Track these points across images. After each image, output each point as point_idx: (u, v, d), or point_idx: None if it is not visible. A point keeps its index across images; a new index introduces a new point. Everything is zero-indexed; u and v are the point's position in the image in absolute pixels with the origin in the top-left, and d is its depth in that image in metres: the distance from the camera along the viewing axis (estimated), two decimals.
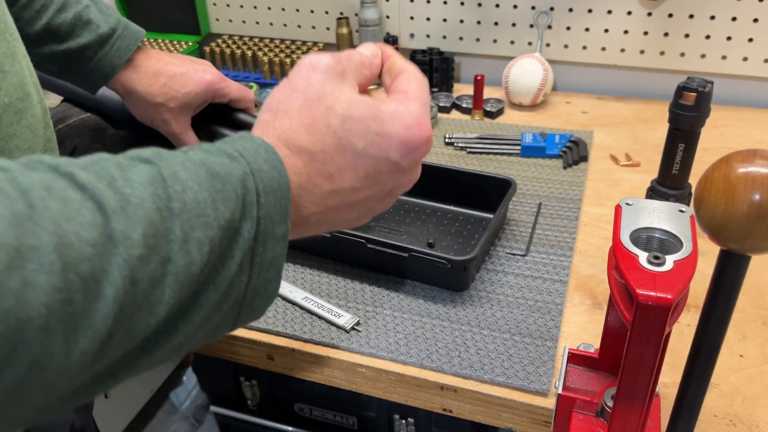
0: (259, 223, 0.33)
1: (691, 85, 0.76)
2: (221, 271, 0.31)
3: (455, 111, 1.23)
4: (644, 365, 0.45)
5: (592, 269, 0.80)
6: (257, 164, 0.33)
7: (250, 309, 0.34)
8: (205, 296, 0.31)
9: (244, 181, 0.32)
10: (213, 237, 0.30)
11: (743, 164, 0.36)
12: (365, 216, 0.41)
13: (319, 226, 0.39)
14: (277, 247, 0.34)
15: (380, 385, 0.69)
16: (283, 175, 0.34)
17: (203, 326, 0.32)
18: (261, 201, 0.33)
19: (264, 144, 0.35)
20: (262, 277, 0.34)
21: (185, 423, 1.71)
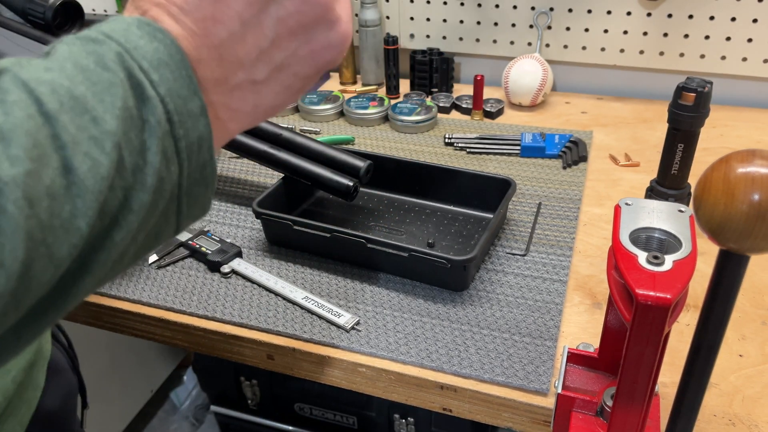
0: (164, 102, 0.29)
1: (691, 85, 0.77)
2: (144, 167, 0.29)
3: (455, 111, 1.23)
4: (644, 365, 0.45)
5: (591, 269, 0.80)
6: (131, 41, 0.29)
7: (190, 200, 0.32)
8: (136, 197, 0.28)
9: (122, 62, 0.29)
10: (112, 130, 0.27)
11: (743, 164, 0.36)
12: (298, 67, 0.35)
13: (250, 90, 0.34)
14: (199, 125, 0.31)
15: (380, 384, 0.69)
16: (170, 42, 0.30)
17: (141, 230, 0.30)
18: (153, 78, 0.29)
19: (135, 20, 0.31)
20: (194, 161, 0.31)
21: (185, 422, 1.71)
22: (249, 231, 0.89)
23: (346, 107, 1.19)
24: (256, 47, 0.33)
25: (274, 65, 0.34)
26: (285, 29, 0.33)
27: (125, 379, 1.61)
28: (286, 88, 0.36)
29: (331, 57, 0.36)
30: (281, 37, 0.34)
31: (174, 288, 0.79)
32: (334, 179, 0.85)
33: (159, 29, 0.30)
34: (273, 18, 0.33)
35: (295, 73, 0.35)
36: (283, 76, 0.35)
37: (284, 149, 0.89)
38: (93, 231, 0.27)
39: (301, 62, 0.35)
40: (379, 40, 1.29)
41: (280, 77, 0.35)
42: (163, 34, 0.30)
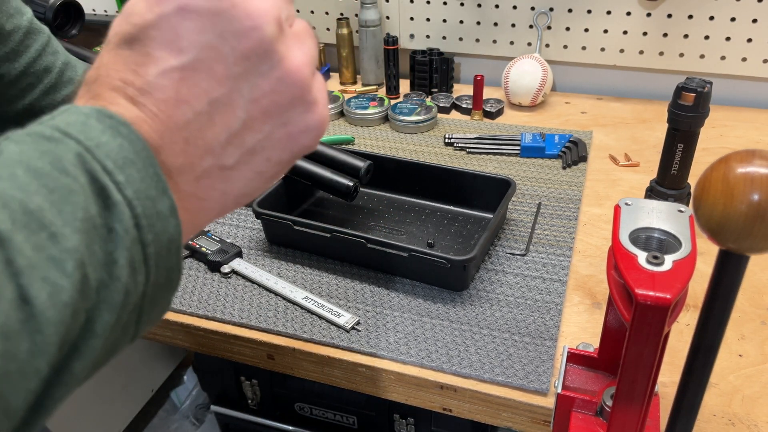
0: (132, 206, 0.26)
1: (690, 85, 0.77)
2: (110, 283, 0.25)
3: (455, 111, 1.23)
4: (643, 364, 0.45)
5: (591, 269, 0.80)
6: (91, 138, 0.26)
7: (152, 307, 0.28)
8: (100, 321, 0.25)
9: (83, 165, 0.25)
10: (73, 247, 0.23)
11: (742, 164, 0.36)
12: (269, 151, 0.32)
13: (218, 177, 0.31)
14: (169, 227, 0.27)
15: (380, 384, 0.69)
16: (135, 138, 0.27)
17: (103, 350, 0.26)
18: (119, 180, 0.26)
19: (93, 111, 0.27)
20: (162, 266, 0.27)
21: (186, 422, 1.71)
22: (249, 231, 0.89)
23: (346, 107, 1.19)
24: (226, 129, 0.30)
25: (245, 149, 0.31)
26: (258, 110, 0.30)
27: (125, 378, 1.61)
28: (258, 174, 0.32)
29: (308, 141, 0.32)
30: (254, 119, 0.30)
31: None
32: (334, 179, 0.86)
33: (122, 122, 0.27)
34: (245, 97, 0.29)
35: (269, 158, 0.32)
36: (255, 161, 0.31)
37: None
38: (52, 368, 0.23)
39: (275, 146, 0.31)
40: (379, 40, 1.29)
41: (252, 162, 0.31)
42: (128, 128, 0.27)
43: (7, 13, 0.64)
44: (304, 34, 0.32)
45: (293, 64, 0.30)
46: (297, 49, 0.31)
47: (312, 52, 0.32)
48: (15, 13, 0.65)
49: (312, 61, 0.32)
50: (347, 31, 1.32)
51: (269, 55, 0.29)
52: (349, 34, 1.32)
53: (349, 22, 1.32)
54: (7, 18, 0.64)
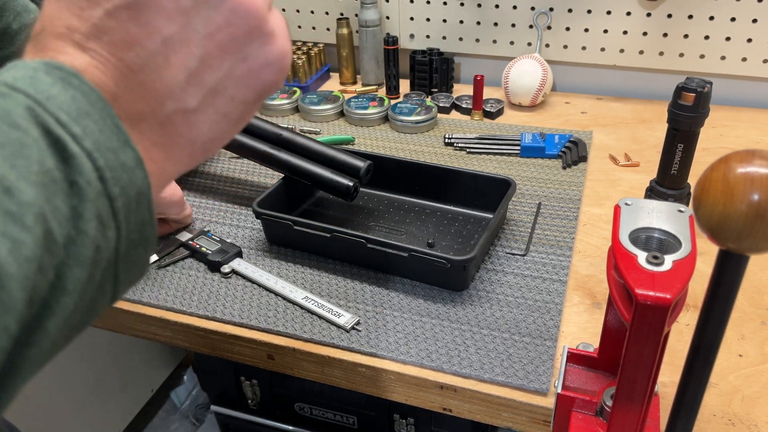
0: (93, 158, 0.25)
1: (690, 85, 0.77)
2: (77, 238, 0.24)
3: (455, 111, 1.23)
4: (643, 364, 0.45)
5: (591, 269, 0.80)
6: (41, 91, 0.25)
7: (128, 265, 0.27)
8: (70, 275, 0.24)
9: (35, 117, 0.24)
10: (30, 200, 0.22)
11: (742, 164, 0.36)
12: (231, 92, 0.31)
13: (183, 122, 0.30)
14: (136, 179, 0.26)
15: (380, 384, 0.69)
16: (88, 89, 0.26)
17: (78, 309, 0.25)
18: (75, 131, 0.25)
19: (41, 64, 0.26)
20: (132, 220, 0.27)
21: (186, 422, 1.71)
22: (249, 231, 0.89)
23: (346, 107, 1.19)
24: (184, 69, 0.28)
25: (207, 89, 0.29)
26: (215, 45, 0.29)
27: (125, 378, 1.61)
28: (224, 116, 0.31)
29: (272, 77, 0.31)
30: (212, 55, 0.29)
31: (174, 288, 0.79)
32: (334, 179, 0.86)
33: (73, 73, 0.25)
34: (200, 33, 0.28)
35: (233, 97, 0.30)
36: (219, 101, 0.30)
37: (284, 149, 0.89)
38: (22, 326, 0.22)
39: (237, 83, 0.30)
40: (379, 41, 1.29)
41: (216, 103, 0.30)
42: (79, 79, 0.25)
43: (14, 11, 0.64)
44: None
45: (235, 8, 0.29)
46: None
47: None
48: (22, 11, 0.65)
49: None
50: (347, 31, 1.32)
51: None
52: (349, 34, 1.32)
53: (349, 22, 1.32)
54: (14, 16, 0.63)
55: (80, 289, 0.25)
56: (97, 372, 1.51)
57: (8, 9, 0.62)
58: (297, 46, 1.38)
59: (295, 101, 1.23)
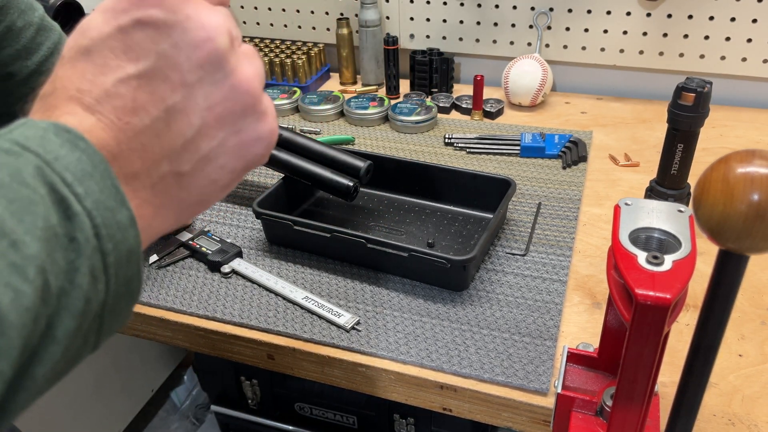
0: (92, 216, 0.26)
1: (690, 85, 0.77)
2: (71, 291, 0.26)
3: (455, 111, 1.23)
4: (643, 364, 0.45)
5: (591, 269, 0.80)
6: (50, 152, 0.26)
7: (113, 316, 0.29)
8: (61, 326, 0.25)
9: (42, 177, 0.26)
10: (34, 254, 0.24)
11: (742, 164, 0.36)
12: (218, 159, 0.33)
13: (174, 184, 0.31)
14: (129, 237, 0.28)
15: (380, 384, 0.69)
16: (92, 151, 0.27)
17: (64, 358, 0.27)
18: (78, 191, 0.26)
19: (51, 126, 0.27)
20: (121, 276, 0.28)
21: (186, 422, 1.71)
22: (249, 231, 0.89)
23: (346, 107, 1.19)
24: (182, 136, 0.31)
25: (200, 156, 0.32)
26: (212, 117, 0.31)
27: (126, 378, 1.61)
28: (213, 182, 0.33)
29: (260, 150, 0.34)
30: (209, 126, 0.31)
31: (174, 288, 0.79)
32: (334, 179, 0.86)
33: (80, 137, 0.27)
34: (200, 105, 0.31)
35: (222, 166, 0.33)
36: (209, 168, 0.32)
37: (284, 149, 0.89)
38: (15, 372, 0.23)
39: (229, 153, 0.32)
40: (379, 41, 1.29)
41: (207, 170, 0.32)
42: (85, 142, 0.27)
43: (19, 9, 0.63)
44: (251, 53, 0.34)
45: (244, 74, 0.32)
46: (247, 63, 0.32)
47: (260, 69, 0.33)
48: (26, 9, 0.64)
49: (261, 76, 0.33)
50: (347, 31, 1.32)
51: (222, 64, 0.31)
52: (349, 34, 1.32)
53: (349, 22, 1.32)
54: (19, 14, 0.63)
55: (68, 338, 0.26)
56: (97, 372, 1.51)
57: (12, 7, 0.62)
58: (297, 46, 1.38)
59: (295, 101, 1.23)
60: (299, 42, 1.40)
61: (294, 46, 1.37)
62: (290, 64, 1.30)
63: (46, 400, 1.35)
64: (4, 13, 0.62)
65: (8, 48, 0.63)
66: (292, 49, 1.36)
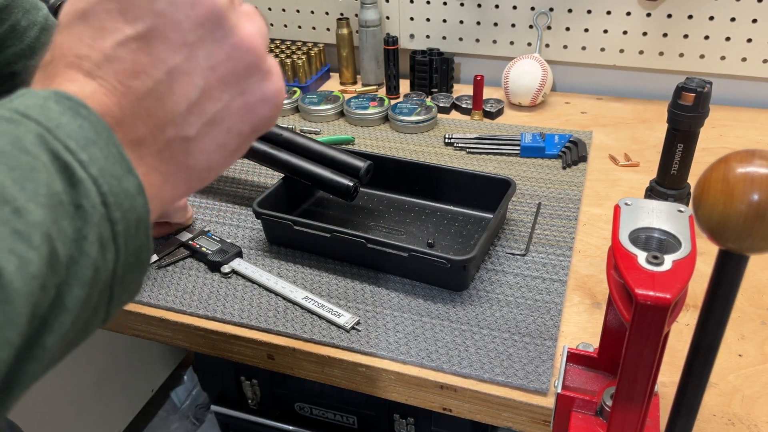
0: (98, 184, 0.26)
1: (690, 85, 0.77)
2: (80, 258, 0.25)
3: (455, 111, 1.23)
4: (643, 364, 0.45)
5: (591, 269, 0.80)
6: (51, 119, 0.26)
7: (123, 287, 0.28)
8: (70, 296, 0.25)
9: (44, 144, 0.25)
10: (38, 221, 0.24)
11: (742, 164, 0.36)
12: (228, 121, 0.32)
13: (181, 149, 0.31)
14: (137, 205, 0.28)
15: (380, 384, 0.69)
16: (95, 119, 0.27)
17: (74, 328, 0.26)
18: (82, 158, 0.26)
19: (51, 93, 0.27)
20: (131, 245, 0.28)
21: (186, 422, 1.71)
22: (249, 231, 0.89)
23: (346, 107, 1.19)
24: (186, 98, 0.30)
25: (206, 119, 0.31)
26: (216, 78, 0.31)
27: (126, 378, 1.61)
28: (221, 147, 0.32)
29: (267, 112, 0.33)
30: (212, 87, 0.31)
31: (174, 288, 0.79)
32: (334, 179, 0.86)
33: (81, 104, 0.27)
34: (202, 65, 0.30)
35: (229, 129, 0.32)
36: (216, 132, 0.31)
37: (284, 149, 0.89)
38: (23, 340, 0.23)
39: (235, 116, 0.32)
40: (379, 41, 1.29)
41: (214, 133, 0.31)
42: (87, 109, 0.27)
43: (23, 8, 0.63)
44: (252, 12, 0.33)
45: (246, 32, 0.31)
46: (248, 21, 0.32)
47: (263, 28, 0.33)
48: (31, 8, 0.64)
49: (263, 34, 0.33)
50: (347, 31, 1.32)
51: (222, 22, 0.30)
52: (349, 34, 1.32)
53: (349, 22, 1.32)
54: (23, 13, 0.63)
55: (78, 307, 0.25)
56: (97, 372, 1.51)
57: (17, 6, 0.62)
58: (297, 46, 1.38)
59: (295, 101, 1.23)
60: (299, 42, 1.40)
61: (294, 46, 1.37)
62: (290, 64, 1.30)
63: (47, 399, 1.35)
64: (8, 13, 0.62)
65: (12, 47, 0.63)
66: (292, 49, 1.36)
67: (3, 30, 0.63)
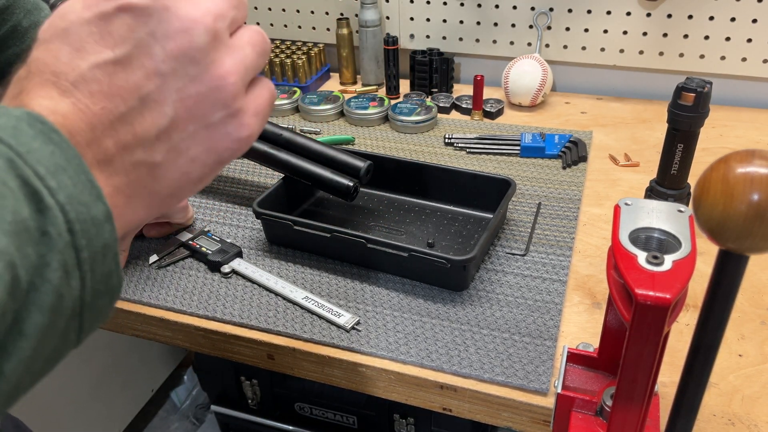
0: (65, 211, 0.26)
1: (690, 85, 0.77)
2: (41, 286, 0.25)
3: (455, 111, 1.23)
4: (643, 364, 0.45)
5: (591, 269, 0.80)
6: (23, 144, 0.26)
7: (92, 314, 0.28)
8: (29, 322, 0.25)
9: (14, 170, 0.25)
10: (4, 248, 0.23)
11: (742, 164, 0.36)
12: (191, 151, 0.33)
13: (147, 173, 0.32)
14: (104, 232, 0.28)
15: (380, 384, 0.69)
16: (66, 145, 0.27)
17: (38, 355, 0.26)
18: (50, 185, 0.26)
19: (25, 115, 0.27)
20: (98, 272, 0.28)
21: (186, 422, 1.71)
22: (249, 231, 0.89)
23: (346, 107, 1.19)
24: (155, 125, 0.31)
25: (171, 146, 0.32)
26: (184, 109, 0.31)
27: (126, 378, 1.61)
28: (184, 174, 0.33)
29: (229, 145, 0.33)
30: (181, 118, 0.31)
31: (174, 288, 0.79)
32: (334, 179, 0.86)
33: (54, 129, 0.27)
34: (173, 96, 0.31)
35: (193, 159, 0.33)
36: (181, 160, 0.32)
37: (284, 149, 0.89)
38: None
39: (198, 145, 0.32)
40: (379, 41, 1.29)
41: (179, 161, 0.32)
42: (59, 135, 0.27)
43: (24, 8, 0.63)
44: (240, 45, 0.33)
45: (221, 71, 0.32)
46: (229, 57, 0.32)
47: (246, 63, 0.33)
48: (33, 9, 0.64)
49: (244, 71, 0.33)
50: (347, 31, 1.32)
51: (197, 58, 0.31)
52: (349, 34, 1.32)
53: (349, 22, 1.32)
54: (25, 14, 0.63)
55: (39, 334, 0.25)
56: (97, 372, 1.51)
57: (18, 6, 0.62)
58: (297, 46, 1.38)
59: (295, 101, 1.23)
60: (299, 42, 1.40)
61: (294, 46, 1.37)
62: (290, 64, 1.30)
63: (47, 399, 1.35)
64: (10, 13, 0.62)
65: (14, 47, 0.63)
66: (292, 49, 1.36)
67: (4, 31, 0.63)
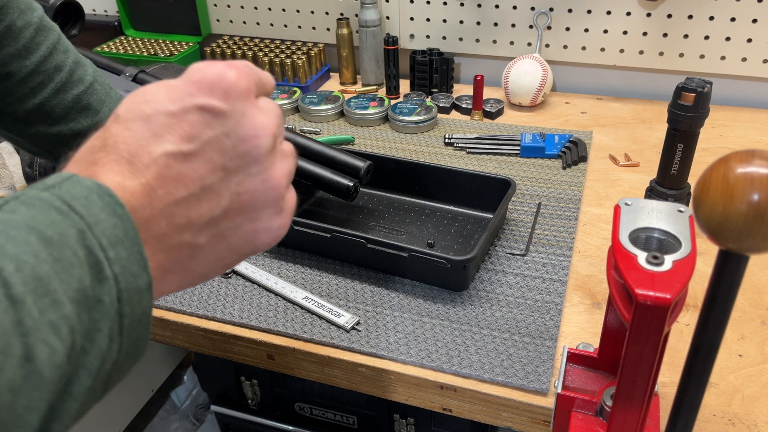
0: (117, 281, 0.28)
1: (690, 85, 0.77)
2: (90, 351, 0.27)
3: (455, 111, 1.23)
4: (643, 364, 0.45)
5: (591, 269, 0.80)
6: (92, 215, 0.28)
7: (119, 375, 0.30)
8: (78, 384, 0.26)
9: (83, 240, 0.27)
10: (68, 314, 0.25)
11: (742, 164, 0.36)
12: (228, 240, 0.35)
13: (188, 253, 0.34)
14: (144, 301, 0.30)
15: (380, 384, 0.69)
16: (127, 218, 0.29)
17: (79, 414, 0.28)
18: (110, 256, 0.28)
19: (96, 187, 0.29)
20: (133, 336, 0.30)
21: (186, 422, 1.71)
22: None
23: (346, 107, 1.19)
24: (209, 213, 0.33)
25: (217, 232, 0.34)
26: (238, 202, 0.34)
27: (126, 378, 1.61)
28: (219, 260, 0.36)
29: (268, 240, 0.37)
30: (233, 209, 0.34)
31: None
32: (334, 179, 0.85)
33: (119, 203, 0.29)
34: (231, 190, 0.34)
35: (232, 247, 0.36)
36: (221, 246, 0.35)
37: None
38: (40, 426, 0.24)
39: (240, 237, 0.35)
40: (379, 41, 1.29)
41: (218, 247, 0.35)
42: (123, 209, 0.29)
43: (18, 8, 0.63)
44: (289, 153, 0.38)
45: (277, 173, 0.36)
46: (281, 162, 0.36)
47: (291, 169, 0.38)
48: (26, 9, 0.64)
49: (290, 175, 0.37)
50: (347, 31, 1.32)
51: (260, 161, 0.34)
52: (349, 34, 1.32)
53: (349, 22, 1.32)
54: (18, 14, 0.63)
55: (83, 396, 0.27)
56: None
57: (12, 6, 0.62)
58: (297, 46, 1.38)
59: (295, 101, 1.23)
60: (299, 42, 1.40)
61: (294, 46, 1.37)
62: (290, 64, 1.30)
63: None
64: (3, 13, 0.62)
65: (8, 47, 0.63)
66: (292, 49, 1.36)
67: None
